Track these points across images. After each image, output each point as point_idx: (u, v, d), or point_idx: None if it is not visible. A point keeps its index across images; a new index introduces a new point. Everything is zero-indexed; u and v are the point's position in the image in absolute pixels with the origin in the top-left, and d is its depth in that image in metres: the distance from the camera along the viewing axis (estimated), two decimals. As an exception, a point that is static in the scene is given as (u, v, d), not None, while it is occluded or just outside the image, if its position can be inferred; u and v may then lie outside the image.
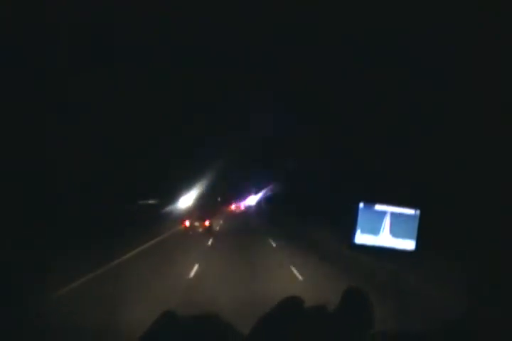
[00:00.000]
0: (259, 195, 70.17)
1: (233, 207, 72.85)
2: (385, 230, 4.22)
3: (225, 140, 34.44)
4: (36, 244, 10.10)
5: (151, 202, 31.24)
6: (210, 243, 18.67)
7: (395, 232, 4.21)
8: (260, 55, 15.93)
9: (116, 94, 16.64)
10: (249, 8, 12.11)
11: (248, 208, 73.35)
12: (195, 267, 11.50)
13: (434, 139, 13.36)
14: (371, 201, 4.11)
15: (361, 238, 4.17)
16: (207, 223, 23.86)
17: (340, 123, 20.20)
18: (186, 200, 36.47)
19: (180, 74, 18.01)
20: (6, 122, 12.52)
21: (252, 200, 78.61)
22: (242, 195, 76.36)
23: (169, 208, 32.58)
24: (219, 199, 56.58)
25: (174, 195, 34.34)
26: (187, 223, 23.84)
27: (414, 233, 4.12)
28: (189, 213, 28.26)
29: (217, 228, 26.91)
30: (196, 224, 23.81)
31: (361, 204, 4.12)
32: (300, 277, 9.46)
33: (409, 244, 4.19)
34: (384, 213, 4.25)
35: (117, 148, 20.51)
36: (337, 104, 18.75)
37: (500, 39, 9.62)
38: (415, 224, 4.12)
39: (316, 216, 24.67)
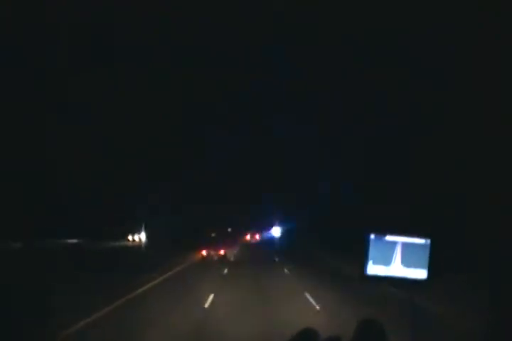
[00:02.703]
0: (280, 229, 58.41)
1: (248, 237, 64.03)
2: (397, 260, 4.27)
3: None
4: None
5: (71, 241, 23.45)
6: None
7: (406, 262, 4.26)
8: (260, 55, 15.94)
9: (117, 94, 16.65)
10: (249, 8, 12.11)
11: (271, 242, 55.12)
12: None
13: (444, 163, 13.05)
14: (382, 232, 4.20)
15: (373, 269, 4.23)
16: (222, 252, 26.54)
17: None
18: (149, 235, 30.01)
19: (180, 74, 18.02)
20: (5, 122, 12.54)
21: (276, 231, 61.53)
22: (263, 226, 66.89)
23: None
24: (229, 230, 53.22)
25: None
26: (204, 253, 26.57)
27: (426, 262, 4.18)
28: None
29: (225, 271, 19.13)
30: (212, 253, 26.31)
31: (372, 236, 4.19)
32: None
33: (420, 274, 4.23)
34: (395, 243, 4.30)
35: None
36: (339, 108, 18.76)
37: (500, 39, 9.62)
38: (426, 254, 4.19)
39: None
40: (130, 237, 38.40)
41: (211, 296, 11.49)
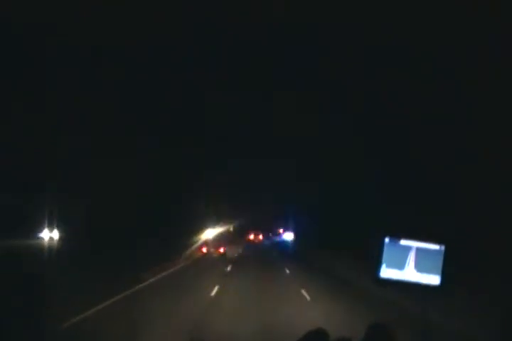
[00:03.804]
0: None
1: (251, 237, 59.92)
2: (410, 265, 4.25)
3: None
4: None
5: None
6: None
7: (420, 267, 4.23)
8: (260, 54, 15.93)
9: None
10: (249, 8, 12.09)
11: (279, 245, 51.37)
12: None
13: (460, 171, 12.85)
14: (396, 236, 4.19)
15: (386, 272, 4.21)
16: (221, 250, 26.77)
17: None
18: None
19: (180, 75, 18.00)
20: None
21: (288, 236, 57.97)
22: (267, 226, 65.00)
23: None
24: (231, 229, 51.66)
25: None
26: (204, 250, 26.81)
27: (439, 268, 4.16)
28: None
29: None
30: (212, 250, 26.71)
31: (386, 239, 4.18)
32: None
33: (434, 279, 4.19)
34: (409, 248, 4.28)
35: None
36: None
37: (501, 39, 9.61)
38: (440, 260, 4.16)
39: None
40: None
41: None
